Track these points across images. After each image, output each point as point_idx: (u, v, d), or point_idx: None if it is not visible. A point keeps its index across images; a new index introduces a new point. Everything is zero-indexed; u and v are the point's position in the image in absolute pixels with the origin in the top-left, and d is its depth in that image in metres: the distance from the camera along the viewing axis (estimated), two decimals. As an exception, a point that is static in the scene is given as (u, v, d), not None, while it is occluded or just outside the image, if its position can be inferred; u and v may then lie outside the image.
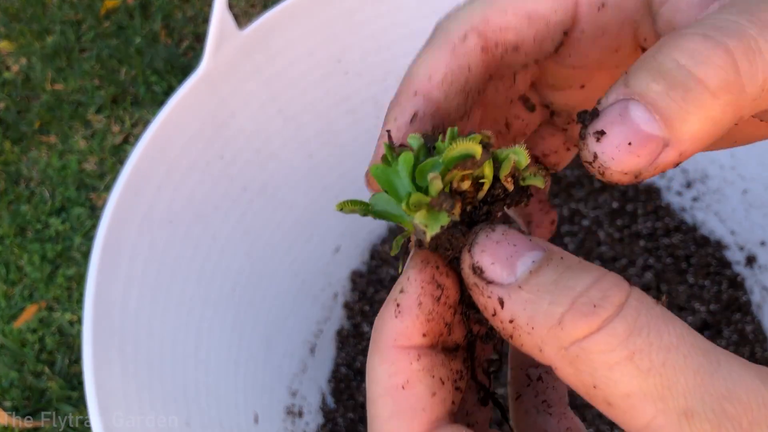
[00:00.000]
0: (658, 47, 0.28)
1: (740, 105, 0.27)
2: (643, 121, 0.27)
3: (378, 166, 0.32)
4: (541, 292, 0.27)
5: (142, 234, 0.80)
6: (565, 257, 0.28)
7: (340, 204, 0.32)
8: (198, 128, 0.85)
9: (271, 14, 0.88)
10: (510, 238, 0.29)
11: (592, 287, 0.26)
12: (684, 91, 0.26)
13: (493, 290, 0.28)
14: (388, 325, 0.30)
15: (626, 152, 0.27)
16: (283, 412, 1.00)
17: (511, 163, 0.30)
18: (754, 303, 1.06)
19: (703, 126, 0.27)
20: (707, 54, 0.26)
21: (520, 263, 0.28)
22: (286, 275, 1.04)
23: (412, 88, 0.34)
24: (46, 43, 1.73)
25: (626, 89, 0.27)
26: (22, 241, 1.44)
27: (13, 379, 1.29)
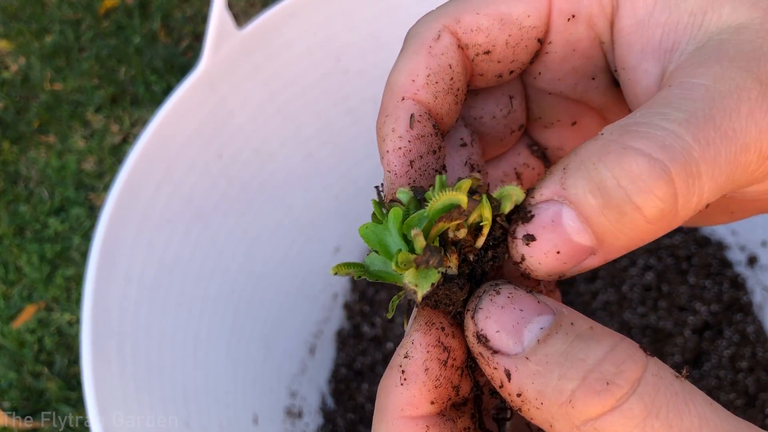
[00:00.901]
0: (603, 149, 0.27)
1: (671, 226, 0.27)
2: (574, 231, 0.27)
3: (367, 226, 0.30)
4: (551, 365, 0.25)
5: (141, 234, 0.79)
6: (576, 322, 0.26)
7: (335, 268, 0.30)
8: (197, 128, 0.85)
9: (270, 13, 0.88)
10: (516, 301, 0.27)
11: (604, 360, 0.24)
12: (619, 214, 0.26)
13: (500, 361, 0.27)
14: (394, 393, 0.28)
15: (553, 259, 0.27)
16: (282, 413, 1.00)
17: (512, 200, 0.29)
18: (755, 303, 1.06)
19: (632, 242, 0.27)
20: (649, 183, 0.25)
21: (527, 331, 0.26)
22: (285, 275, 1.04)
23: (397, 95, 0.33)
24: (45, 42, 1.72)
25: (562, 191, 0.27)
26: (21, 241, 1.44)
27: (11, 380, 1.28)
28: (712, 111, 0.26)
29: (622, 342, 0.25)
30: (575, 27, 0.33)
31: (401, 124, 0.32)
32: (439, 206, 0.28)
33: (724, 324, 1.05)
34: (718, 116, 0.26)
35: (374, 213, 0.31)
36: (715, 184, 0.26)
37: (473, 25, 0.33)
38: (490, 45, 0.33)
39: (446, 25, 0.33)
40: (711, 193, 0.26)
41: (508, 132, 0.39)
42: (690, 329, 1.04)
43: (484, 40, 0.33)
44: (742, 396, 0.99)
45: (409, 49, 0.34)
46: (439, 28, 0.33)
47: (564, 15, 0.33)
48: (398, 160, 0.32)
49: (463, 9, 0.33)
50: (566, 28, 0.33)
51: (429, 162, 0.32)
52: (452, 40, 0.33)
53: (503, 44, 0.33)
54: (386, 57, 1.01)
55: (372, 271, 0.31)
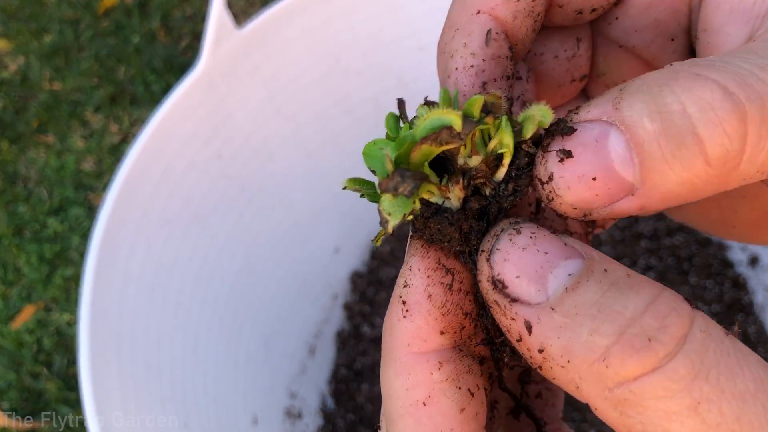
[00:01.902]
0: (671, 75, 0.23)
1: (728, 180, 0.23)
2: (618, 158, 0.23)
3: (375, 142, 0.26)
4: (581, 317, 0.21)
5: (139, 234, 0.79)
6: (610, 268, 0.22)
7: (347, 181, 0.26)
8: (196, 127, 0.85)
9: (269, 13, 0.88)
10: (540, 242, 0.23)
11: (646, 312, 0.21)
12: (677, 146, 0.22)
13: (519, 311, 0.23)
14: (398, 328, 0.25)
15: (586, 186, 0.23)
16: (282, 414, 1.00)
17: (535, 123, 0.24)
18: (756, 304, 1.06)
19: (680, 189, 0.23)
20: (721, 115, 0.21)
21: (552, 277, 0.22)
22: (285, 276, 1.03)
23: (472, 8, 0.28)
24: (44, 42, 1.72)
25: (615, 111, 0.23)
26: (20, 241, 1.44)
27: (10, 381, 1.28)
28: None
29: (664, 292, 0.21)
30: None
31: (475, 39, 0.27)
32: (427, 126, 0.23)
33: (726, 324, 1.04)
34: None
35: (387, 128, 0.27)
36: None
37: None
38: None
39: None
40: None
41: (568, 79, 0.34)
42: (691, 330, 1.04)
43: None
44: (744, 397, 0.98)
45: None
46: None
47: None
48: (469, 80, 0.27)
49: None
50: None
51: (501, 88, 0.27)
52: None
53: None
54: (387, 57, 1.00)
55: (369, 193, 0.27)
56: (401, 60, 1.01)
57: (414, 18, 0.97)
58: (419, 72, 1.01)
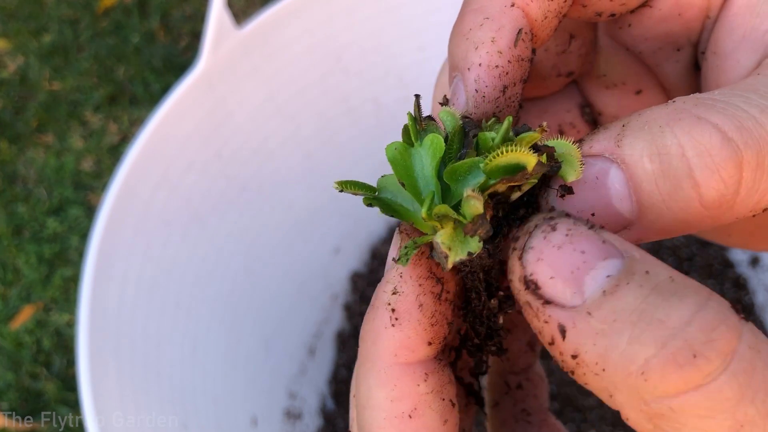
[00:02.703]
0: (673, 115, 0.23)
1: (720, 220, 0.23)
2: (617, 195, 0.23)
3: (396, 146, 0.25)
4: (620, 324, 0.20)
5: (139, 234, 0.79)
6: (652, 270, 0.21)
7: (341, 183, 0.25)
8: (195, 127, 0.85)
9: (269, 12, 0.87)
10: (577, 240, 0.22)
11: (691, 323, 0.19)
12: (674, 188, 0.22)
13: (553, 314, 0.21)
14: (384, 337, 0.24)
15: None
16: (282, 414, 0.99)
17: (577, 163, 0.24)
18: (757, 304, 1.06)
19: (675, 226, 0.23)
20: (717, 161, 0.22)
21: (589, 279, 0.21)
22: (284, 276, 1.03)
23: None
24: (43, 41, 1.72)
25: (616, 148, 0.23)
26: (19, 241, 1.43)
27: (10, 381, 1.28)
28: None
29: (710, 300, 0.20)
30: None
31: (505, 36, 0.26)
32: (502, 164, 0.23)
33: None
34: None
35: (405, 130, 0.25)
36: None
37: None
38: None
39: None
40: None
41: (554, 73, 0.34)
42: (692, 330, 1.04)
43: None
44: (744, 397, 0.98)
45: None
46: None
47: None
48: (492, 81, 0.26)
49: None
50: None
51: (517, 93, 0.27)
52: None
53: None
54: (387, 56, 1.00)
55: (385, 200, 0.25)
56: (401, 60, 1.00)
57: (414, 18, 0.96)
58: (419, 72, 1.00)
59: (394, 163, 0.25)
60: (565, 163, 0.24)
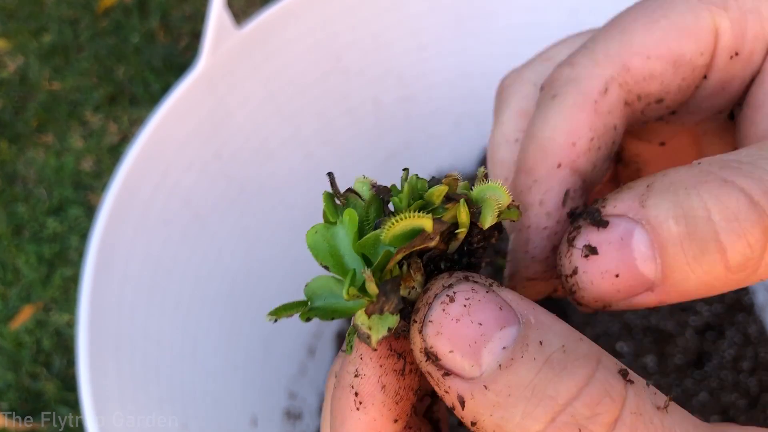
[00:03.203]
0: (699, 178, 0.23)
1: (744, 282, 0.23)
2: (641, 257, 0.23)
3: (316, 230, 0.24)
4: (513, 398, 0.21)
5: (138, 234, 0.79)
6: (546, 339, 0.21)
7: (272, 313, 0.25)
8: (195, 127, 0.85)
9: (269, 12, 0.87)
10: (474, 311, 0.22)
11: (578, 398, 0.20)
12: (700, 251, 0.22)
13: (452, 384, 0.22)
14: (350, 419, 0.24)
15: (609, 283, 0.24)
16: (282, 414, 0.99)
17: (494, 209, 0.24)
18: (757, 304, 1.05)
19: (698, 288, 0.23)
20: (744, 225, 0.22)
21: (486, 352, 0.21)
22: (284, 276, 1.03)
23: (552, 159, 0.27)
24: (43, 41, 1.72)
25: (641, 209, 0.23)
26: (19, 241, 1.43)
27: (10, 381, 1.28)
28: None
29: (598, 371, 0.21)
30: (735, 65, 0.29)
31: (552, 198, 0.27)
32: (399, 232, 0.22)
33: (726, 325, 1.04)
34: None
35: (325, 211, 0.25)
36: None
37: (646, 73, 0.27)
38: (664, 92, 0.28)
39: (614, 77, 0.27)
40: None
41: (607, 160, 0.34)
42: (692, 330, 1.04)
43: (657, 89, 0.28)
44: (744, 397, 0.98)
45: (567, 100, 0.27)
46: (607, 79, 0.27)
47: (728, 52, 0.28)
48: (541, 242, 0.27)
49: (629, 51, 0.27)
50: (726, 67, 0.29)
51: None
52: (620, 95, 0.28)
53: (676, 90, 0.28)
54: (387, 56, 1.00)
55: (320, 307, 0.25)
56: (401, 60, 1.00)
57: (414, 18, 0.96)
58: (419, 71, 1.00)
59: (314, 248, 0.24)
60: (484, 208, 0.24)
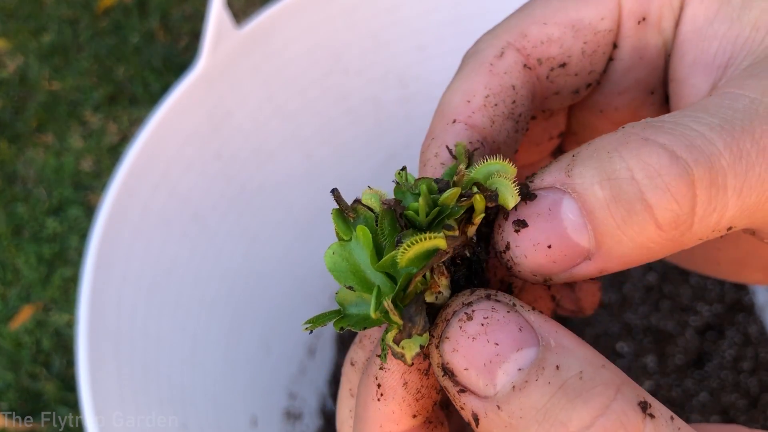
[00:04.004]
0: (621, 140, 0.23)
1: (684, 241, 0.23)
2: (572, 225, 0.23)
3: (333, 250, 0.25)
4: (525, 421, 0.21)
5: (138, 234, 0.79)
6: (563, 364, 0.21)
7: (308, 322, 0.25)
8: (195, 127, 0.84)
9: (269, 12, 0.87)
10: (492, 331, 0.22)
11: (589, 428, 0.20)
12: (628, 212, 0.22)
13: (467, 401, 0.22)
14: (372, 408, 0.25)
15: (542, 254, 0.23)
16: (281, 415, 0.99)
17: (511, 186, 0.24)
18: (757, 304, 1.05)
19: (635, 252, 0.23)
20: (667, 181, 0.22)
21: (501, 372, 0.22)
22: (284, 276, 1.03)
23: (448, 117, 0.28)
24: (42, 41, 1.71)
25: (567, 178, 0.23)
26: (18, 241, 1.43)
27: (9, 381, 1.28)
28: (752, 123, 0.23)
29: (615, 401, 0.21)
30: (644, 31, 0.29)
31: (446, 151, 0.28)
32: (413, 256, 0.22)
33: (726, 325, 1.04)
34: (758, 130, 0.23)
35: (337, 230, 0.25)
36: (742, 204, 0.23)
37: (543, 37, 0.29)
38: (566, 56, 0.29)
39: (510, 42, 0.29)
40: (735, 214, 0.23)
41: (546, 137, 0.35)
42: (692, 330, 1.03)
43: (557, 52, 0.29)
44: (744, 397, 0.98)
45: (466, 67, 0.29)
46: (503, 45, 0.29)
47: (634, 17, 0.29)
48: None
49: (528, 22, 0.29)
50: (635, 33, 0.29)
51: None
52: (517, 58, 0.29)
53: (579, 53, 0.29)
54: (387, 56, 1.00)
55: (353, 316, 0.25)
56: (401, 60, 1.00)
57: (414, 18, 0.96)
58: (419, 71, 1.00)
59: (334, 270, 0.25)
60: (501, 190, 0.24)
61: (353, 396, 0.28)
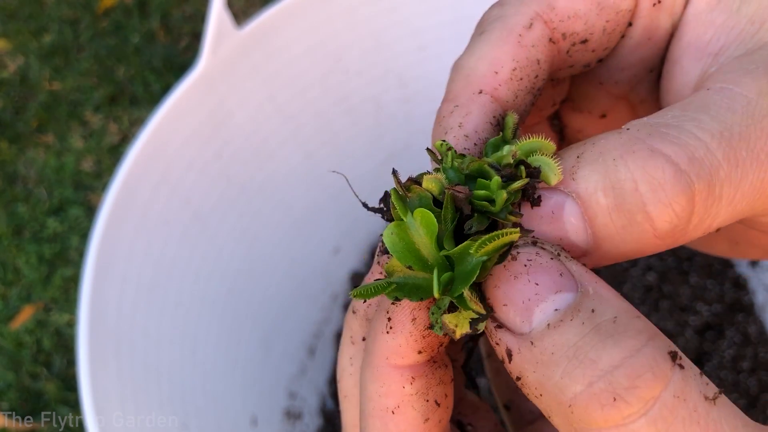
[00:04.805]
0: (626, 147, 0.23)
1: (674, 244, 0.24)
2: (572, 228, 0.24)
3: (392, 230, 0.25)
4: (557, 357, 0.21)
5: (139, 234, 0.79)
6: (599, 308, 0.22)
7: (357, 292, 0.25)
8: (195, 127, 0.85)
9: (269, 12, 0.87)
10: (534, 272, 0.23)
11: (619, 368, 0.21)
12: (628, 221, 0.23)
13: (502, 337, 0.23)
14: (380, 339, 0.26)
15: None
16: (282, 414, 0.99)
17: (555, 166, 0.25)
18: (757, 304, 1.05)
19: (630, 254, 0.24)
20: (670, 195, 0.22)
21: (538, 311, 0.22)
22: (284, 276, 1.03)
23: (474, 85, 0.28)
24: (43, 41, 1.72)
25: (572, 182, 0.24)
26: (19, 241, 1.43)
27: (10, 381, 1.28)
28: (748, 129, 0.23)
29: (646, 346, 0.21)
30: (658, 13, 0.30)
31: (471, 121, 0.27)
32: (491, 249, 0.23)
33: (726, 324, 1.04)
34: (753, 136, 0.23)
35: (393, 206, 0.25)
36: (733, 209, 0.24)
37: (570, 12, 0.29)
38: (588, 33, 0.29)
39: (539, 12, 0.29)
40: (726, 218, 0.24)
41: (549, 103, 0.35)
42: (691, 330, 1.03)
43: (582, 28, 0.29)
44: (744, 397, 0.98)
45: (493, 33, 0.29)
46: (532, 16, 0.29)
47: None
48: None
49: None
50: (649, 14, 0.30)
51: None
52: (545, 31, 0.29)
53: (600, 31, 0.30)
54: (387, 57, 1.00)
55: (406, 284, 0.25)
56: (401, 60, 1.00)
57: (414, 18, 0.96)
58: (419, 72, 1.00)
59: (394, 250, 0.25)
60: (544, 167, 0.25)
61: (354, 343, 0.29)
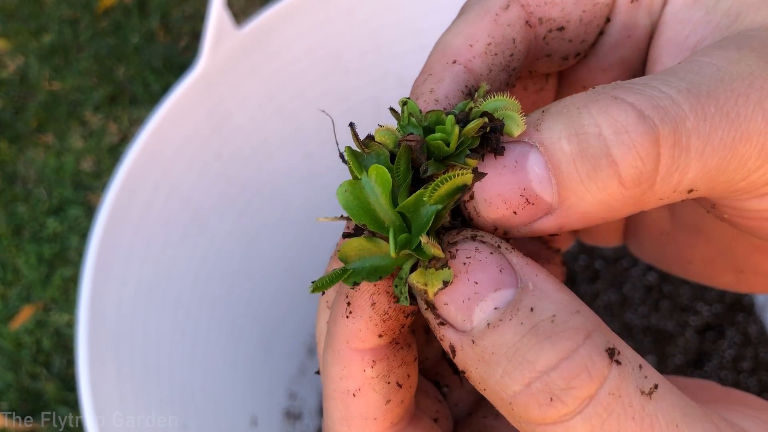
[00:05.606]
0: (591, 97, 0.24)
1: (644, 200, 0.23)
2: (537, 179, 0.23)
3: (345, 188, 0.25)
4: (497, 356, 0.22)
5: (138, 235, 0.79)
6: (538, 307, 0.22)
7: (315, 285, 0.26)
8: (195, 127, 0.85)
9: (269, 12, 0.87)
10: (473, 270, 0.23)
11: (555, 369, 0.21)
12: (593, 167, 0.23)
13: (446, 334, 0.24)
14: (340, 324, 0.26)
15: (505, 206, 0.24)
16: (282, 414, 0.99)
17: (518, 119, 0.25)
18: (757, 304, 1.05)
19: (597, 209, 0.24)
20: (634, 137, 0.22)
21: (478, 310, 0.23)
22: (284, 276, 1.03)
23: (449, 56, 0.29)
24: (43, 41, 1.72)
25: (535, 132, 0.24)
26: (19, 241, 1.43)
27: (9, 381, 1.28)
28: (717, 89, 0.23)
29: (583, 346, 0.22)
30: (636, 10, 0.30)
31: (442, 88, 0.28)
32: (444, 193, 0.23)
33: (726, 325, 1.04)
34: (723, 96, 0.23)
35: (350, 168, 0.25)
36: (704, 165, 0.23)
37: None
38: (564, 20, 0.30)
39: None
40: (696, 175, 0.23)
41: (530, 99, 0.36)
42: (692, 330, 1.03)
43: (558, 15, 0.30)
44: (744, 397, 0.98)
45: (471, 12, 0.30)
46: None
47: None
48: None
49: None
50: (628, 10, 0.30)
51: None
52: (521, 13, 0.30)
53: (577, 21, 0.30)
54: (387, 57, 1.00)
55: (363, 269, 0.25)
56: (401, 60, 1.00)
57: (414, 18, 0.96)
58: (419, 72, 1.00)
59: (347, 207, 0.25)
60: (507, 120, 0.24)
61: (329, 308, 0.29)
